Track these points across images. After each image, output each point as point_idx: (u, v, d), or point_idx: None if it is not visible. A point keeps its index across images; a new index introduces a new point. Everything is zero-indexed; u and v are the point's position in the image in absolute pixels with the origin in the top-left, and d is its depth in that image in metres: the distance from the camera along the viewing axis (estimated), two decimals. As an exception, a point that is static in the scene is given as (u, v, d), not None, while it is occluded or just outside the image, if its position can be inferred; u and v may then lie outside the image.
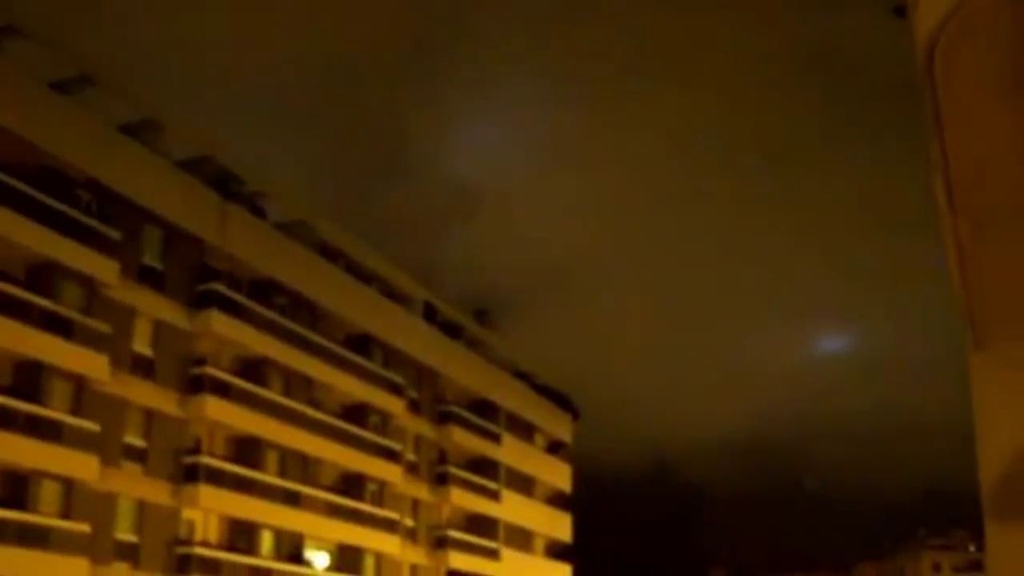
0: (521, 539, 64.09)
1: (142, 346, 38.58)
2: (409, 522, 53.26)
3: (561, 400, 72.00)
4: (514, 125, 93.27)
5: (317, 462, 46.36)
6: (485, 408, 61.16)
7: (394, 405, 51.47)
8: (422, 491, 54.65)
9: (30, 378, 33.60)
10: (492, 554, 59.48)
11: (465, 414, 58.51)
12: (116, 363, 36.06)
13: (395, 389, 51.65)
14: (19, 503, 32.51)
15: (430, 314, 57.64)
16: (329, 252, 48.87)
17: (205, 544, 40.26)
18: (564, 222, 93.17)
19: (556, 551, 69.39)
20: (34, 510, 32.88)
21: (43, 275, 34.33)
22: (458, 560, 55.92)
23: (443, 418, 57.19)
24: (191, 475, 39.30)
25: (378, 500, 49.88)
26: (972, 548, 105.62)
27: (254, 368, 43.31)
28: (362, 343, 50.25)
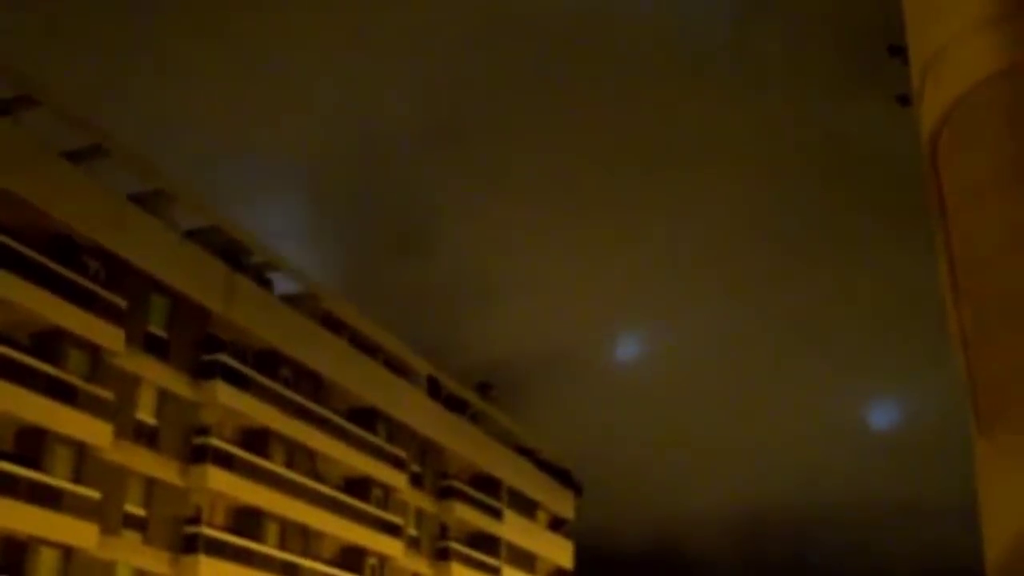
0: (521, 617, 63.38)
1: (146, 414, 38.54)
2: (409, 598, 52.74)
3: (564, 476, 71.63)
4: (528, 208, 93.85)
5: (318, 535, 46.06)
6: (487, 483, 60.87)
7: (396, 479, 51.25)
8: (423, 566, 54.16)
9: (32, 444, 33.54)
10: (492, 632, 58.82)
11: (467, 489, 58.20)
12: (119, 431, 36.02)
13: (398, 463, 51.46)
14: (17, 572, 32.26)
15: (434, 388, 57.57)
16: (334, 324, 48.97)
17: (202, 616, 39.86)
18: (571, 302, 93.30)
19: (556, 630, 68.57)
20: (32, 579, 32.62)
21: (49, 341, 34.42)
22: (457, 637, 55.29)
23: (445, 493, 56.90)
24: (191, 545, 39.04)
25: (378, 575, 49.46)
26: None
27: (257, 439, 43.20)
28: (366, 416, 50.15)
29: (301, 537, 44.98)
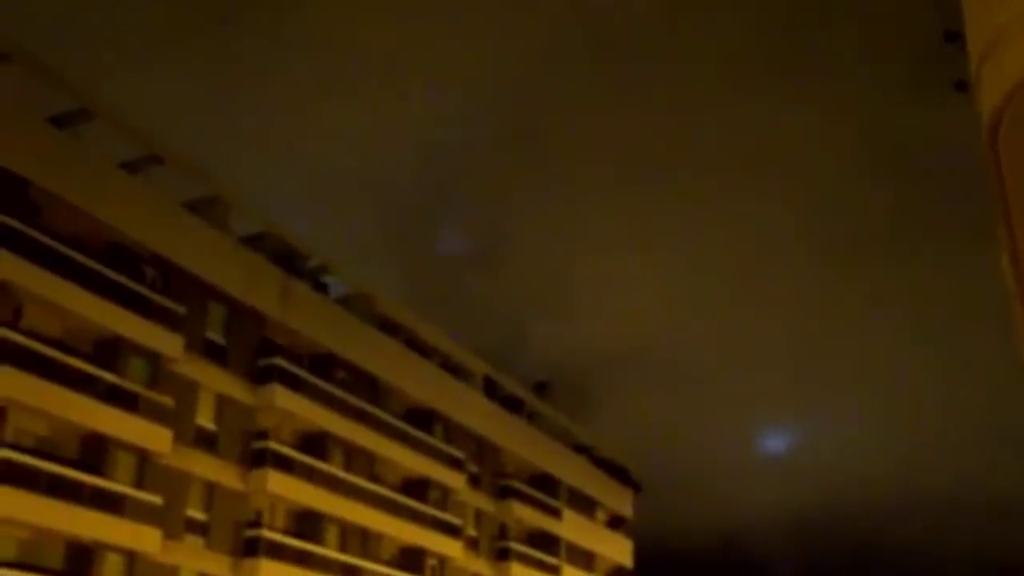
0: (582, 616, 63.23)
1: (205, 420, 38.87)
2: (469, 598, 52.81)
3: (622, 474, 71.38)
4: (589, 212, 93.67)
5: (377, 536, 46.21)
6: (545, 482, 60.79)
7: (455, 480, 51.31)
8: (482, 566, 54.19)
9: (95, 451, 33.93)
10: (553, 631, 58.74)
11: (525, 489, 58.15)
12: (179, 436, 36.36)
13: (456, 464, 51.51)
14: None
15: (490, 389, 57.58)
16: (389, 327, 49.12)
17: (265, 619, 40.11)
18: (632, 304, 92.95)
19: (618, 629, 68.36)
20: (97, 584, 33.01)
21: (109, 349, 34.81)
22: (519, 637, 55.28)
23: (504, 493, 56.88)
24: (251, 548, 39.31)
25: (439, 575, 49.55)
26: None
27: (315, 442, 43.44)
28: (423, 417, 50.26)
29: (361, 539, 45.14)
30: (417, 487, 49.11)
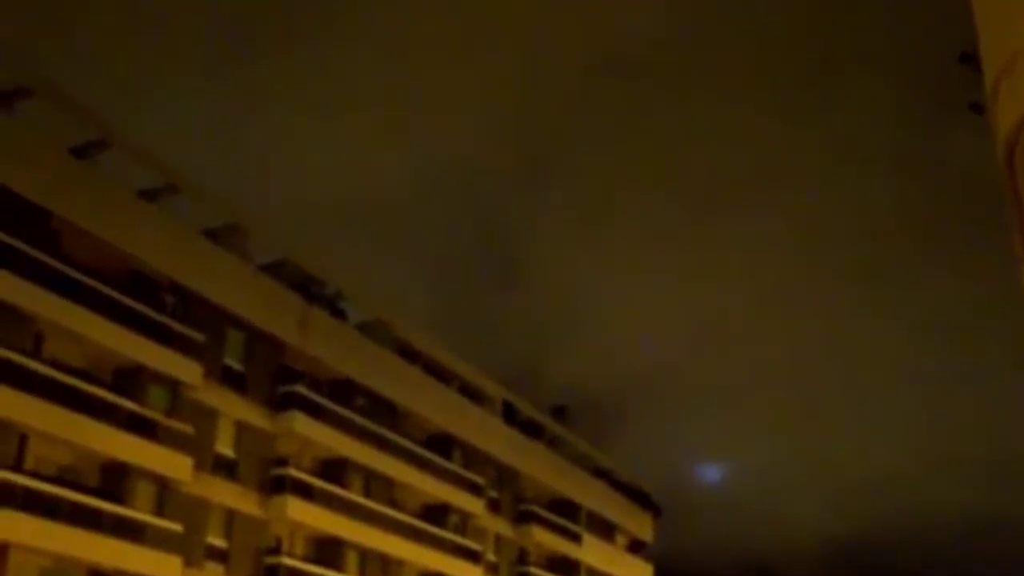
0: (603, 642, 62.96)
1: (224, 447, 38.94)
2: (490, 624, 52.65)
3: (642, 498, 71.16)
4: (609, 234, 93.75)
5: (397, 562, 46.14)
6: (565, 507, 60.66)
7: (474, 505, 51.24)
8: (502, 592, 54.07)
9: (115, 478, 34.01)
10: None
11: (545, 513, 58.03)
12: (199, 464, 36.43)
13: (475, 489, 51.45)
14: (103, 605, 32.70)
15: (509, 413, 57.55)
16: (408, 353, 49.17)
17: (286, 647, 40.06)
18: (654, 326, 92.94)
19: (639, 654, 67.99)
20: (118, 612, 33.05)
21: (129, 377, 34.95)
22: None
23: (523, 518, 56.77)
24: (272, 575, 39.34)
25: (458, 602, 49.42)
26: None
27: (335, 468, 43.46)
28: (442, 443, 50.25)
29: (381, 565, 45.10)
30: (437, 513, 49.06)
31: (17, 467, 31.05)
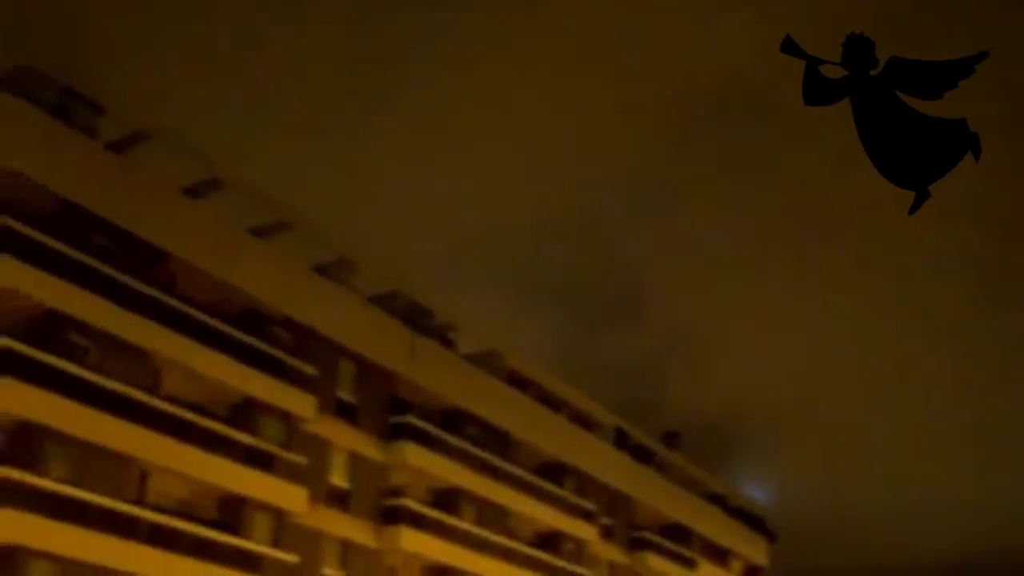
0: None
1: (338, 479, 39.46)
2: (606, 653, 52.36)
3: (757, 523, 70.20)
4: (728, 270, 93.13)
5: (511, 591, 46.16)
6: (679, 533, 60.11)
7: (587, 532, 51.06)
8: (618, 620, 53.74)
9: (233, 511, 34.72)
10: None
11: (659, 540, 57.57)
12: (313, 495, 36.97)
13: (588, 516, 51.29)
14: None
15: (621, 440, 57.31)
16: (518, 382, 49.30)
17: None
18: (765, 359, 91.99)
19: None
20: (238, 642, 33.66)
21: (245, 412, 35.67)
22: None
23: (637, 544, 56.41)
24: (387, 606, 39.68)
25: (573, 630, 49.25)
26: None
27: (447, 498, 43.71)
28: (554, 471, 50.23)
29: (495, 594, 45.13)
30: (550, 541, 48.99)
31: (139, 501, 31.93)
